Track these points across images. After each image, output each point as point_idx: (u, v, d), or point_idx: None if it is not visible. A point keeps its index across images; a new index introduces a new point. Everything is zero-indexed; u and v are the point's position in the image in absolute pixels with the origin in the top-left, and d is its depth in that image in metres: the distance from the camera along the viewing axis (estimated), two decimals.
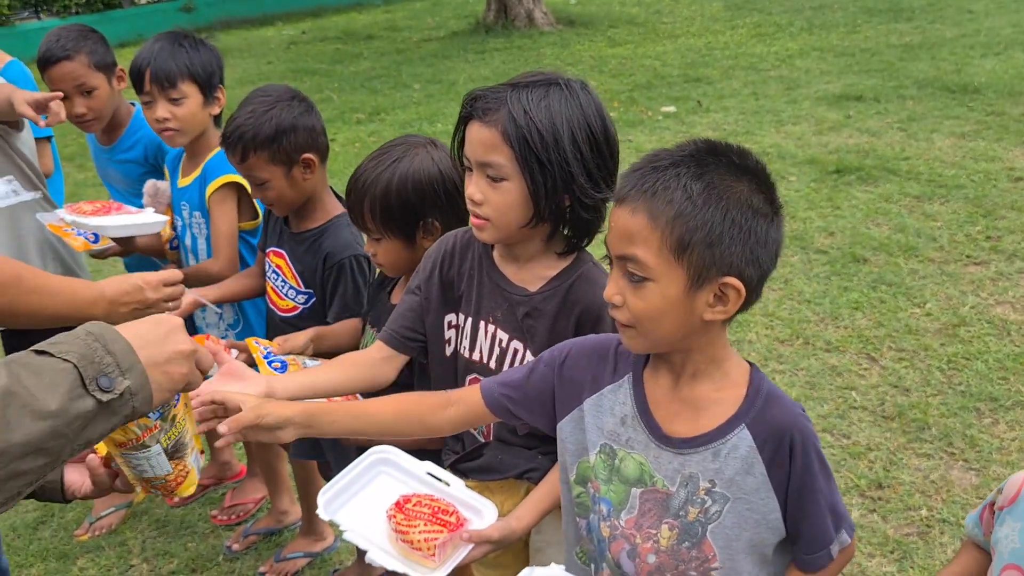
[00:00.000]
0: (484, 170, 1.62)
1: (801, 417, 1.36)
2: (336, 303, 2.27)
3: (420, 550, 1.48)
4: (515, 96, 1.59)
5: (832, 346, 3.87)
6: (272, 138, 2.21)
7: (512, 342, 1.74)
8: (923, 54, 8.51)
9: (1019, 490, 1.38)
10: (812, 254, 4.73)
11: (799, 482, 1.35)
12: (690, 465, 1.38)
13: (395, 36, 13.01)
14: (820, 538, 1.38)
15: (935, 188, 5.37)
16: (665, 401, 1.42)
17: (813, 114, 7.10)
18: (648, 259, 1.27)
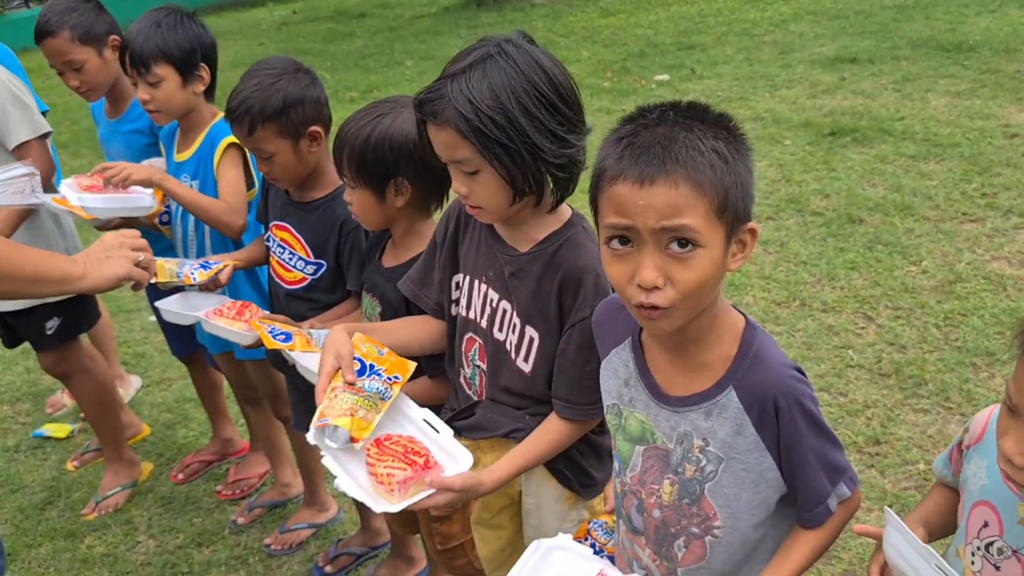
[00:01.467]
0: (458, 167, 1.63)
1: (788, 377, 1.36)
2: (354, 268, 2.29)
3: (382, 483, 1.52)
4: (456, 88, 1.55)
5: (829, 306, 3.88)
6: (280, 111, 2.21)
7: (501, 302, 1.75)
8: (917, 14, 8.45)
9: (984, 427, 1.39)
10: (808, 216, 4.73)
11: (788, 441, 1.36)
12: (684, 423, 1.40)
13: (387, 14, 12.94)
14: (816, 493, 1.40)
15: (930, 147, 5.36)
16: (664, 362, 1.44)
17: (807, 77, 7.07)
18: (699, 225, 1.23)
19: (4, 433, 3.93)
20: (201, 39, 2.60)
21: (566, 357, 1.68)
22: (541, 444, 1.71)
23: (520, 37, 1.61)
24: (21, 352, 4.61)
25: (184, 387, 3.98)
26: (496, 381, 1.80)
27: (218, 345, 2.88)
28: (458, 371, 1.90)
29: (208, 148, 2.66)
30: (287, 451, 3.18)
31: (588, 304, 1.64)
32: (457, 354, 1.89)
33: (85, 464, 3.61)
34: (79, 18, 2.80)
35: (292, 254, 2.40)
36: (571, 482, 1.79)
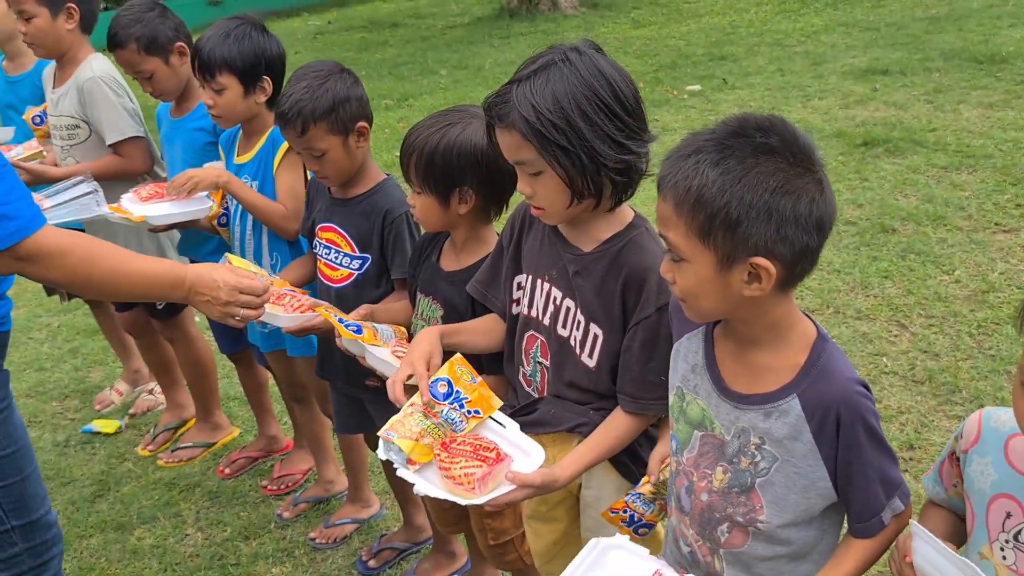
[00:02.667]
0: (522, 168, 1.71)
1: (853, 392, 1.42)
2: (398, 257, 2.38)
3: (461, 484, 1.59)
4: (520, 92, 1.64)
5: (862, 314, 3.92)
6: (330, 109, 2.33)
7: (565, 300, 1.82)
8: (949, 26, 8.46)
9: (978, 429, 1.44)
10: (841, 225, 4.77)
11: (846, 454, 1.42)
12: (743, 420, 1.47)
13: (420, 23, 13.10)
14: (871, 507, 1.46)
15: (963, 158, 5.38)
16: (729, 360, 1.52)
17: (839, 88, 7.10)
18: (678, 242, 1.37)
19: (54, 429, 4.06)
20: (266, 52, 2.69)
21: (631, 354, 1.75)
22: (609, 438, 1.78)
23: (587, 45, 1.69)
24: (69, 350, 4.77)
25: (229, 385, 4.09)
26: (561, 377, 1.86)
27: (269, 344, 2.98)
28: (517, 368, 1.96)
29: (269, 149, 2.76)
30: (331, 448, 3.28)
31: (652, 303, 1.71)
32: (517, 352, 1.95)
33: (159, 446, 3.79)
34: (143, 29, 2.91)
35: (338, 252, 2.49)
36: (633, 473, 1.86)
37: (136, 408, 4.10)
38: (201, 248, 3.19)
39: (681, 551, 1.61)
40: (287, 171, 2.73)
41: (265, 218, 2.71)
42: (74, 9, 3.16)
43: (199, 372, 3.68)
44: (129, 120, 3.23)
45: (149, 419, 4.04)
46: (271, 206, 2.71)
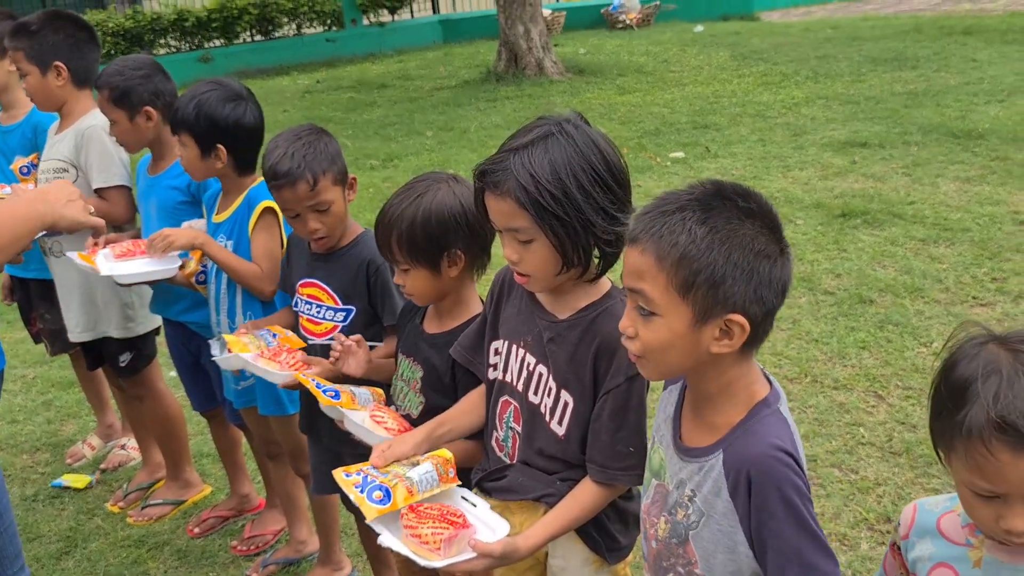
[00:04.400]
0: (512, 235, 1.73)
1: (769, 457, 1.40)
2: (387, 304, 2.40)
3: (427, 543, 1.61)
4: (518, 161, 1.68)
5: (840, 384, 3.94)
6: (333, 161, 2.41)
7: (538, 366, 1.83)
8: (928, 101, 8.66)
9: (913, 514, 1.51)
10: (819, 295, 4.81)
11: (758, 517, 1.40)
12: (684, 472, 1.51)
13: (408, 85, 13.25)
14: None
15: (940, 231, 5.47)
16: (689, 414, 1.55)
17: (819, 160, 7.23)
18: (655, 295, 1.38)
19: (23, 482, 3.99)
20: (226, 120, 2.71)
21: (600, 423, 1.76)
22: (575, 508, 1.77)
23: (578, 118, 1.73)
24: (43, 403, 4.70)
25: (203, 442, 4.03)
26: (531, 443, 1.86)
27: (243, 400, 2.95)
28: (491, 433, 1.96)
29: (245, 211, 2.79)
30: (304, 508, 3.23)
31: (623, 372, 1.72)
32: (491, 417, 1.96)
33: (130, 504, 3.72)
34: (120, 81, 2.98)
35: (320, 306, 2.50)
36: (599, 546, 1.85)
37: (108, 463, 4.04)
38: (173, 306, 3.19)
39: None
40: (263, 232, 2.75)
41: (240, 278, 2.74)
42: (61, 67, 3.21)
43: (168, 429, 3.63)
44: (120, 168, 3.27)
45: (121, 474, 3.98)
46: (247, 267, 2.73)
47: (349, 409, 2.09)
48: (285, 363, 2.38)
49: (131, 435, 4.03)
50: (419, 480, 1.77)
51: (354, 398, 2.13)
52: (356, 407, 2.11)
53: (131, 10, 16.14)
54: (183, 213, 3.07)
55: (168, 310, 3.22)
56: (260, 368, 2.37)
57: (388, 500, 1.72)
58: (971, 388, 1.27)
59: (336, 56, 16.55)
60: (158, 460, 3.79)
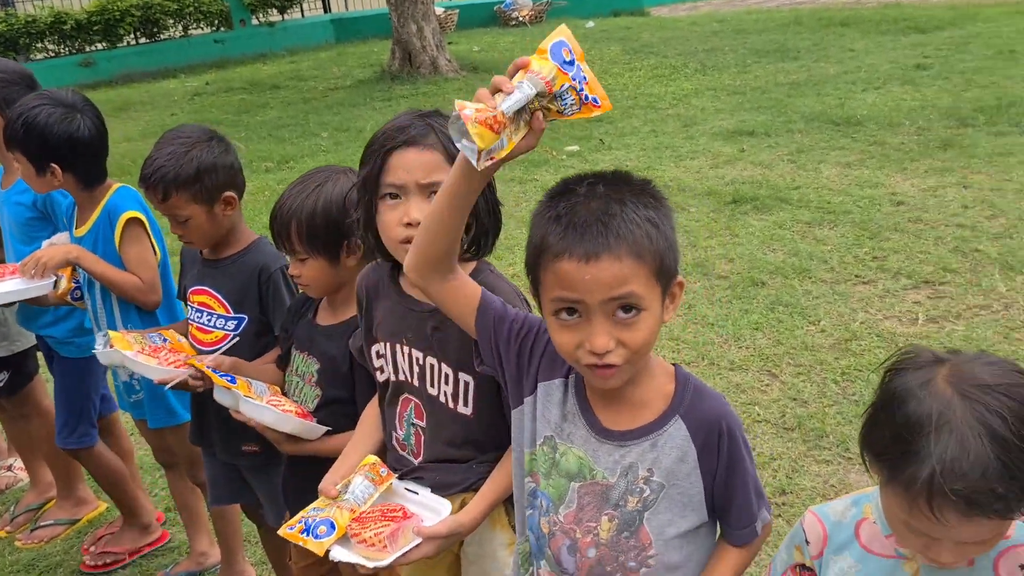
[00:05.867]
0: (426, 190, 1.71)
1: (728, 407, 1.51)
2: (279, 313, 2.34)
3: (373, 545, 1.62)
4: (436, 123, 1.73)
5: (735, 365, 4.05)
6: (194, 178, 2.29)
7: (427, 358, 1.83)
8: (809, 91, 8.98)
9: (824, 533, 1.49)
10: (714, 280, 4.94)
11: (728, 465, 1.48)
12: (630, 456, 1.48)
13: (301, 86, 13.03)
14: (747, 514, 1.53)
15: (824, 214, 5.68)
16: (602, 403, 1.52)
17: (709, 149, 7.42)
18: (642, 291, 1.36)
19: None
20: (55, 138, 2.59)
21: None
22: (504, 478, 1.77)
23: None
24: None
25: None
26: (438, 436, 1.85)
27: (137, 412, 2.87)
28: (390, 434, 1.95)
29: (106, 222, 2.70)
30: (204, 518, 3.14)
31: None
32: (389, 417, 1.94)
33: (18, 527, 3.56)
34: None
35: (211, 315, 2.44)
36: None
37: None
38: (36, 320, 3.09)
39: None
40: (133, 243, 2.68)
41: (121, 290, 2.65)
42: None
43: (51, 447, 3.39)
44: None
45: (8, 497, 3.80)
46: (126, 278, 2.66)
47: (244, 395, 2.06)
48: (165, 360, 2.31)
49: (16, 456, 3.86)
50: (356, 494, 1.77)
51: (250, 387, 2.11)
52: (252, 395, 2.07)
53: (3, 12, 15.39)
54: (34, 228, 2.97)
55: (31, 324, 3.12)
56: (139, 364, 2.30)
57: (334, 528, 1.71)
58: (921, 441, 1.21)
59: (225, 57, 16.16)
60: (47, 480, 3.64)
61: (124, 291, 2.64)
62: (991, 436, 1.18)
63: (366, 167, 1.79)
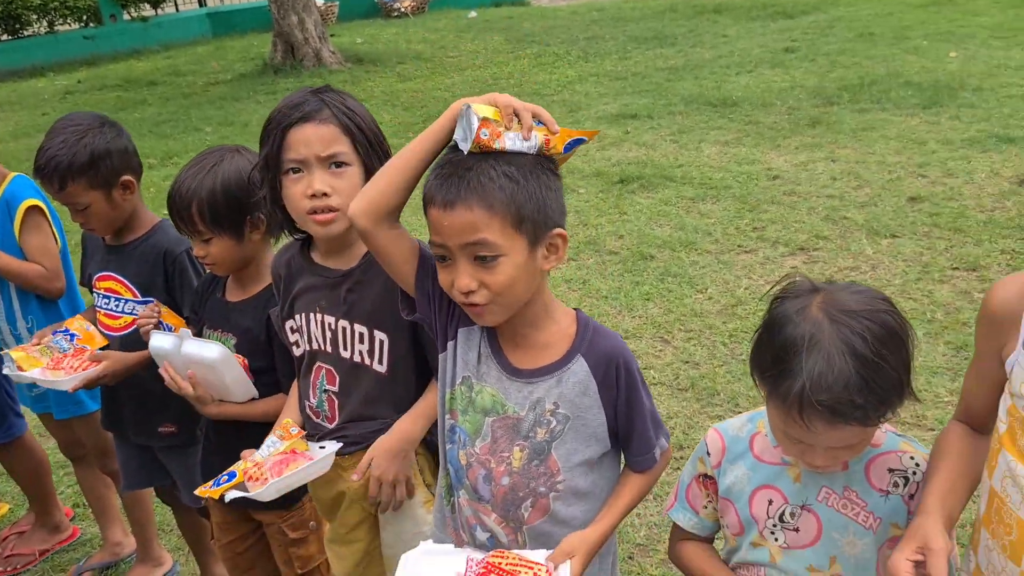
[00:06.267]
0: (327, 162, 1.81)
1: (624, 346, 1.65)
2: (188, 295, 2.36)
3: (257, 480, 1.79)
4: (328, 98, 1.84)
5: (629, 333, 4.24)
6: (89, 165, 2.30)
7: (340, 322, 1.91)
8: (687, 75, 9.33)
9: (722, 443, 1.66)
10: (605, 256, 5.13)
11: (626, 397, 1.63)
12: (537, 391, 1.62)
13: (180, 81, 12.72)
14: (647, 442, 1.67)
15: (706, 190, 5.95)
16: (512, 345, 1.66)
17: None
18: (495, 238, 1.48)
19: None
20: None
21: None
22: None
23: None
24: None
25: None
26: (351, 396, 1.94)
27: (40, 406, 2.84)
28: (303, 404, 2.02)
29: (4, 212, 2.67)
30: (116, 508, 3.13)
31: None
32: (304, 388, 2.02)
33: None
34: None
35: (119, 300, 2.45)
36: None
37: None
38: None
39: (477, 539, 1.70)
40: (33, 233, 2.67)
41: (25, 281, 2.63)
42: None
43: None
44: None
45: None
46: (30, 267, 2.64)
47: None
48: (70, 368, 2.32)
49: None
50: (263, 450, 1.88)
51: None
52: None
53: None
54: None
55: None
56: (48, 382, 2.32)
57: (234, 476, 1.83)
58: (795, 360, 1.36)
59: (97, 54, 15.59)
60: None
61: (28, 280, 2.61)
62: (852, 354, 1.35)
63: (266, 146, 1.86)
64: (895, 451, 1.52)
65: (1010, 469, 1.35)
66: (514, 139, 1.51)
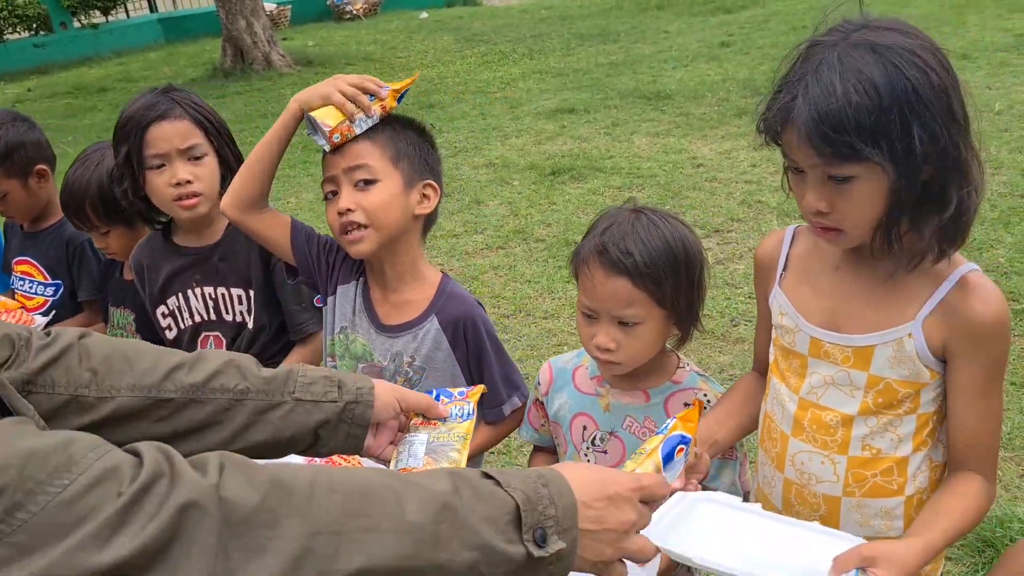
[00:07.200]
0: (186, 154, 2.03)
1: (476, 308, 1.88)
2: (84, 281, 2.55)
3: None
4: (177, 97, 2.06)
5: (548, 314, 4.46)
6: (4, 155, 2.49)
7: (218, 289, 2.13)
8: (626, 70, 9.58)
9: (550, 373, 1.86)
10: (532, 243, 5.35)
11: (475, 355, 1.85)
12: (397, 345, 1.86)
13: (130, 87, 12.75)
14: (496, 397, 1.88)
15: (634, 179, 6.18)
16: (381, 301, 1.90)
17: (533, 127, 7.86)
18: (374, 165, 1.75)
19: None
20: None
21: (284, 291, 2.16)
22: None
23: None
24: None
25: None
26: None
27: None
28: None
29: None
30: None
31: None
32: None
33: None
34: None
35: (32, 282, 2.63)
36: None
37: None
38: None
39: None
40: None
41: None
42: None
43: None
44: None
45: None
46: None
47: None
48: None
49: None
50: None
51: None
52: None
53: None
54: None
55: None
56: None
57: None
58: (591, 231, 1.65)
59: (48, 62, 15.59)
60: None
61: None
62: (638, 220, 1.61)
63: (125, 144, 2.06)
64: (692, 388, 1.71)
65: (776, 391, 1.57)
66: (361, 123, 1.74)
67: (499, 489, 1.00)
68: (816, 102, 1.25)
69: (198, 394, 1.26)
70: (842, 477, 1.49)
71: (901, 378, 1.42)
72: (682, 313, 1.61)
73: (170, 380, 1.25)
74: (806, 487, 1.54)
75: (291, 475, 0.91)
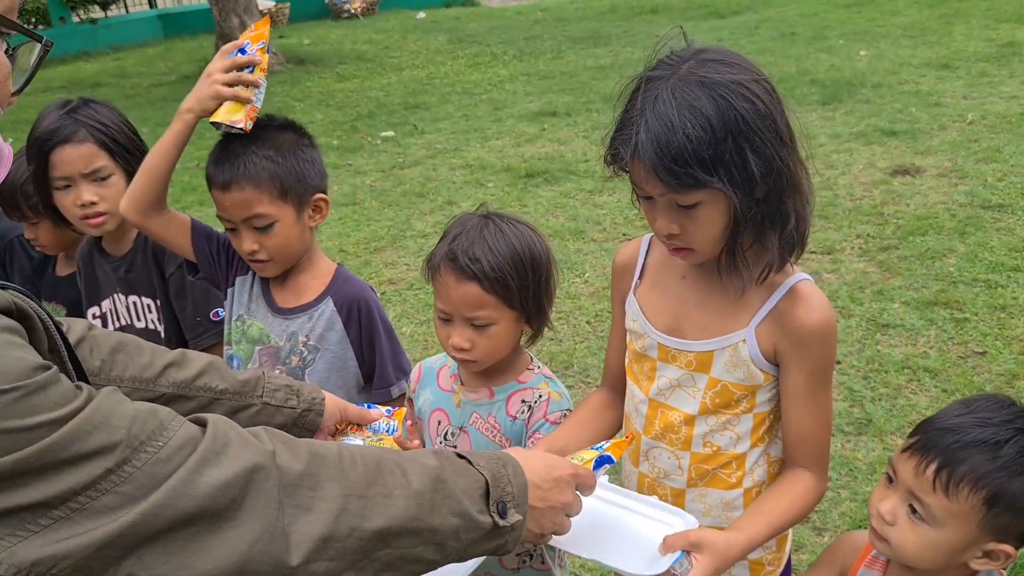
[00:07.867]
0: (90, 177, 2.11)
1: (368, 292, 1.98)
2: (16, 274, 2.61)
3: None
4: (82, 117, 2.09)
5: None
6: None
7: (130, 297, 2.21)
8: (613, 74, 9.62)
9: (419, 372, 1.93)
10: None
11: (368, 336, 1.95)
12: (293, 326, 1.95)
13: (124, 83, 12.87)
14: (385, 380, 1.98)
15: (605, 183, 6.21)
16: (278, 287, 1.99)
17: (514, 129, 7.92)
18: (268, 210, 1.84)
19: None
20: None
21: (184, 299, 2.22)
22: None
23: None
24: None
25: None
26: None
27: None
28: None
29: None
30: None
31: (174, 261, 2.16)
32: None
33: None
34: None
35: None
36: None
37: None
38: None
39: None
40: None
41: None
42: None
43: None
44: None
45: None
46: None
47: None
48: None
49: None
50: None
51: None
52: None
53: None
54: None
55: None
56: None
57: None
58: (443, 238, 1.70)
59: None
60: None
61: None
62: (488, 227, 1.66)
63: (33, 164, 2.12)
64: (533, 387, 1.76)
65: (631, 393, 1.64)
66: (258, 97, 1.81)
67: (471, 467, 1.18)
68: (657, 138, 1.31)
69: (186, 390, 1.47)
70: (686, 471, 1.57)
71: (737, 381, 1.48)
72: (532, 313, 1.69)
73: (164, 376, 1.45)
74: (657, 480, 1.62)
75: (322, 447, 1.09)
